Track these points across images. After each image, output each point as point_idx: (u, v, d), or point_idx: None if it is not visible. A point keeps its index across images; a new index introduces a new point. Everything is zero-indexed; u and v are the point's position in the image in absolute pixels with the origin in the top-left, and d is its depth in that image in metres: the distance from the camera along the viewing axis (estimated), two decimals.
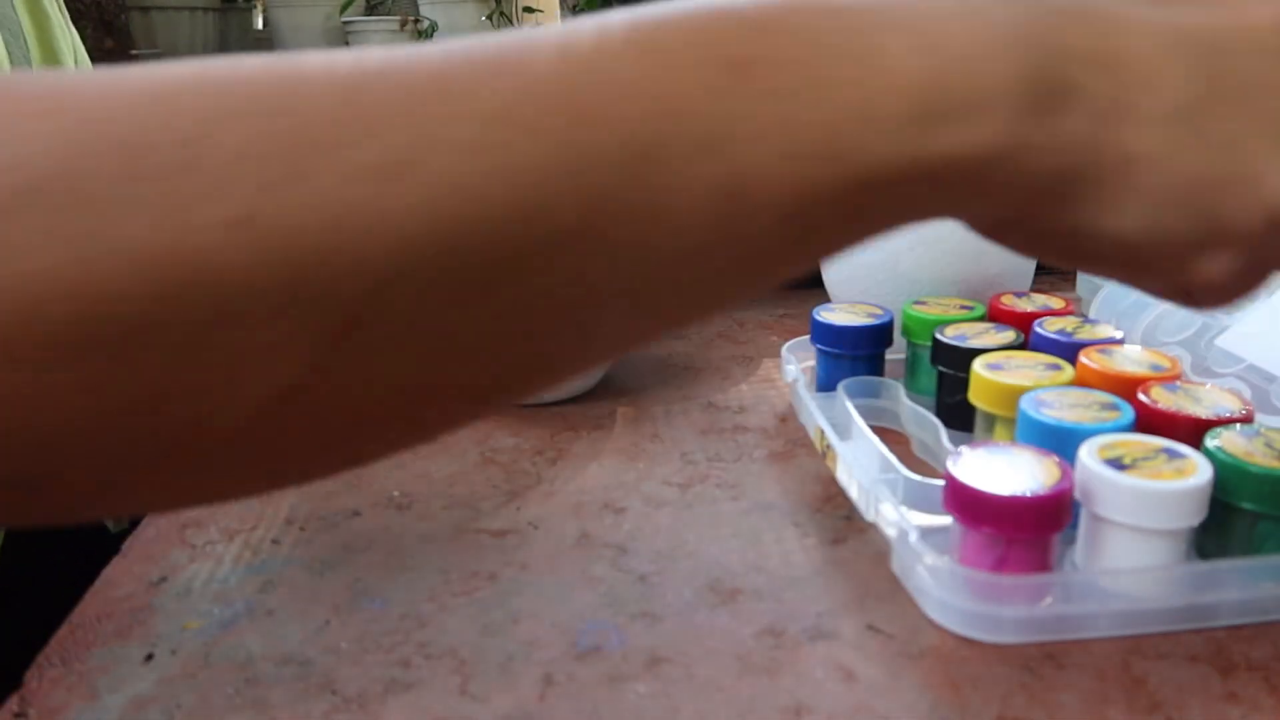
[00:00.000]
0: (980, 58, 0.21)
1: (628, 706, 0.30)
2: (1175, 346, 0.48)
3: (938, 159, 0.20)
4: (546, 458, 0.47)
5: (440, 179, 0.18)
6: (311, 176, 0.17)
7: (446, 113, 0.18)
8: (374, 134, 0.18)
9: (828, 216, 0.20)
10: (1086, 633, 0.33)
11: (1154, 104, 0.22)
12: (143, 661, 0.33)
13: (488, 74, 0.19)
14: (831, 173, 0.20)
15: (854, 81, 0.20)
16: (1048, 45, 0.21)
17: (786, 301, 0.70)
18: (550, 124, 0.19)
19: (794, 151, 0.20)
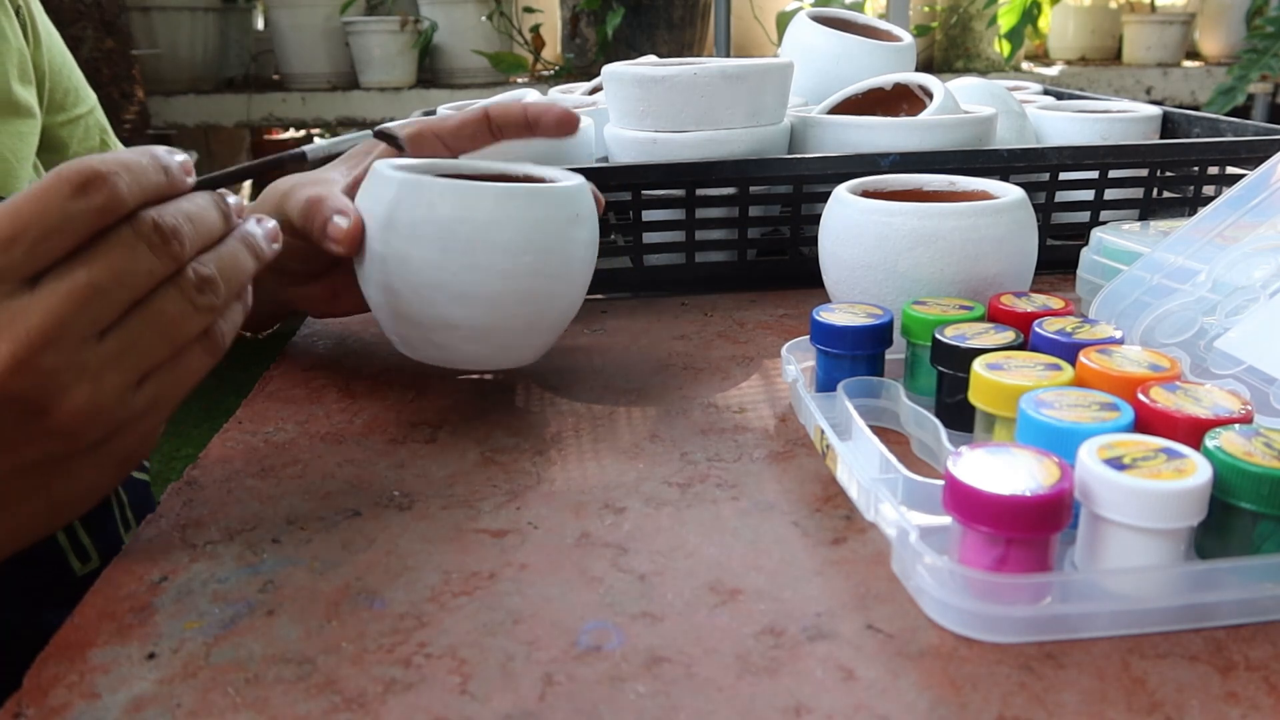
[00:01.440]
0: None
1: (628, 706, 0.30)
2: (1175, 347, 0.48)
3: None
4: (546, 458, 0.47)
5: None
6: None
7: None
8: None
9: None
10: (1086, 632, 0.33)
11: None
12: (143, 661, 0.33)
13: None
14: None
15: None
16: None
17: (786, 301, 0.70)
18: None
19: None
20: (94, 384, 0.34)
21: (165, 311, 0.37)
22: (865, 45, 0.87)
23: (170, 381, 0.37)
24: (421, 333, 0.49)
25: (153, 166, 0.36)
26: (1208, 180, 0.76)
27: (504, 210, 0.46)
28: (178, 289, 0.37)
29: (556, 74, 2.44)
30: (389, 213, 0.47)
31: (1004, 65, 2.54)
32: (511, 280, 0.47)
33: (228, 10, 2.60)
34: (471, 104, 0.78)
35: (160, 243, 0.36)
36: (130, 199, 0.35)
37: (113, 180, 0.34)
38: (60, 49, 0.69)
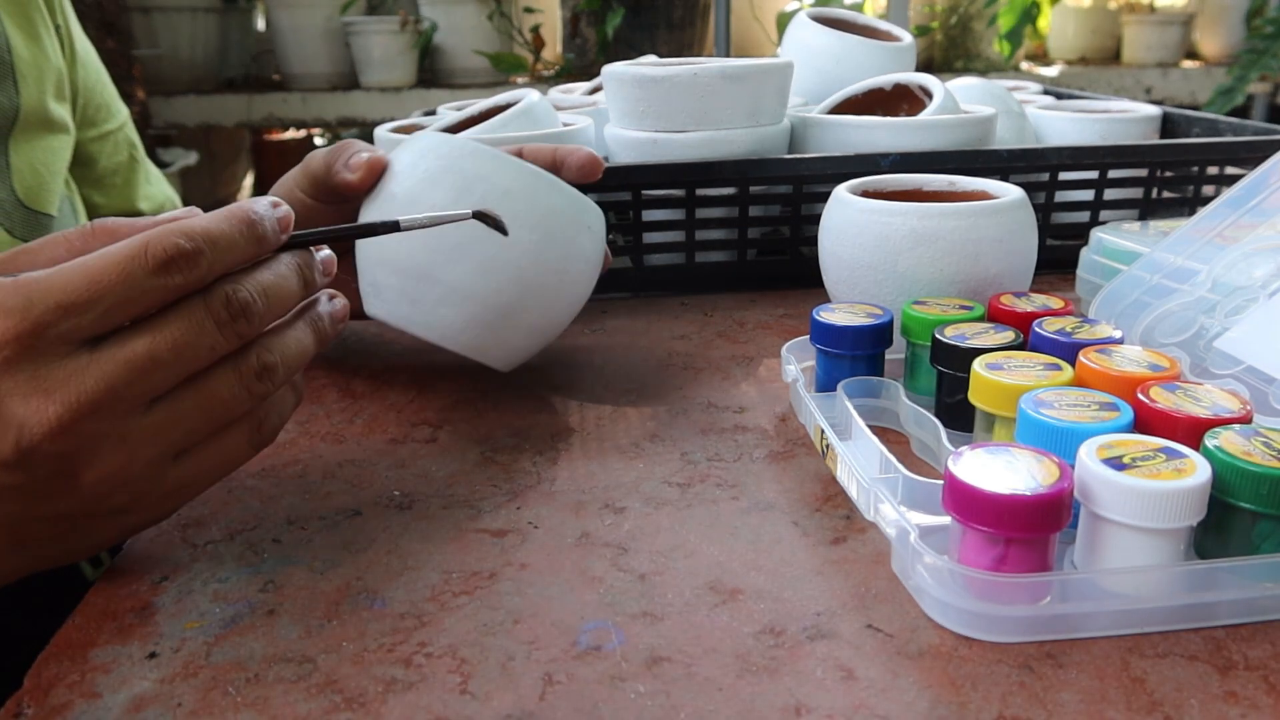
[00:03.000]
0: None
1: (628, 706, 0.30)
2: (1174, 347, 0.48)
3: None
4: (547, 458, 0.47)
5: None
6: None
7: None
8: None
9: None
10: (1086, 632, 0.33)
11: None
12: (144, 660, 0.33)
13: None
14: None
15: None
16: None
17: (786, 301, 0.70)
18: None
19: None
20: (130, 454, 0.34)
21: (217, 393, 0.35)
22: (865, 45, 0.87)
23: (208, 463, 0.36)
24: (400, 282, 0.47)
25: (245, 238, 0.35)
26: (1207, 180, 0.76)
27: (524, 183, 0.47)
28: (235, 372, 0.36)
29: (556, 74, 2.44)
30: (415, 159, 0.47)
31: (1004, 65, 2.53)
32: (509, 250, 0.46)
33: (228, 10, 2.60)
34: (471, 104, 0.78)
35: (229, 320, 0.35)
36: (212, 276, 0.34)
37: (198, 260, 0.33)
38: (95, 66, 0.70)
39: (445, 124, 0.74)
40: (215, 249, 0.34)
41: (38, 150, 0.60)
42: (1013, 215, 0.53)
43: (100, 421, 0.33)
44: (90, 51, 0.70)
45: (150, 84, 2.39)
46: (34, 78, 0.59)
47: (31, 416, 0.32)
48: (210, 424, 0.36)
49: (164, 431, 0.34)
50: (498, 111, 0.73)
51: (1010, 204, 0.53)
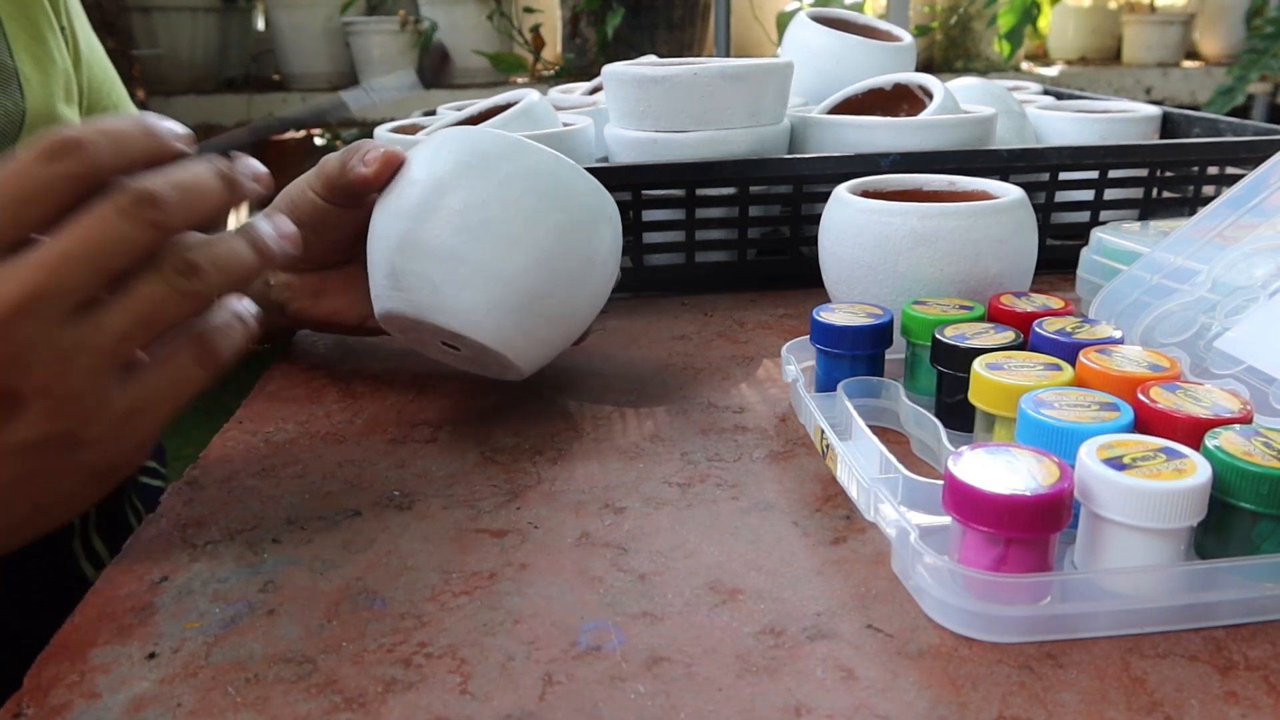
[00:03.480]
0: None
1: (628, 706, 0.30)
2: (1174, 347, 0.48)
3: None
4: (547, 458, 0.47)
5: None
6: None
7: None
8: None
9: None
10: (1086, 632, 0.33)
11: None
12: (144, 661, 0.33)
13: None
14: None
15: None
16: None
17: (786, 301, 0.70)
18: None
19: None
20: (64, 364, 0.33)
21: (142, 292, 0.35)
22: (865, 45, 0.87)
23: (156, 385, 0.36)
24: (420, 266, 0.46)
25: (140, 132, 0.35)
26: (1207, 180, 0.76)
27: (549, 165, 0.47)
28: (158, 271, 0.35)
29: (556, 74, 2.44)
30: (437, 147, 0.47)
31: (1004, 65, 2.53)
32: (534, 229, 0.46)
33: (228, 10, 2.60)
34: (471, 104, 0.78)
35: (133, 208, 0.34)
36: (108, 164, 0.33)
37: (88, 145, 0.33)
38: (103, 66, 0.70)
39: (445, 124, 0.74)
40: (108, 137, 0.34)
41: None
42: (1013, 215, 0.53)
43: (25, 327, 0.32)
44: (97, 51, 0.69)
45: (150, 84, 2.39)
46: (39, 81, 0.59)
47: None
48: (145, 329, 0.35)
49: (94, 338, 0.34)
50: (498, 111, 0.73)
51: (1010, 204, 0.53)
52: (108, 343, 0.34)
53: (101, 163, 0.33)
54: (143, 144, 0.35)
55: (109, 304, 0.34)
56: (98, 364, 0.34)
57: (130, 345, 0.35)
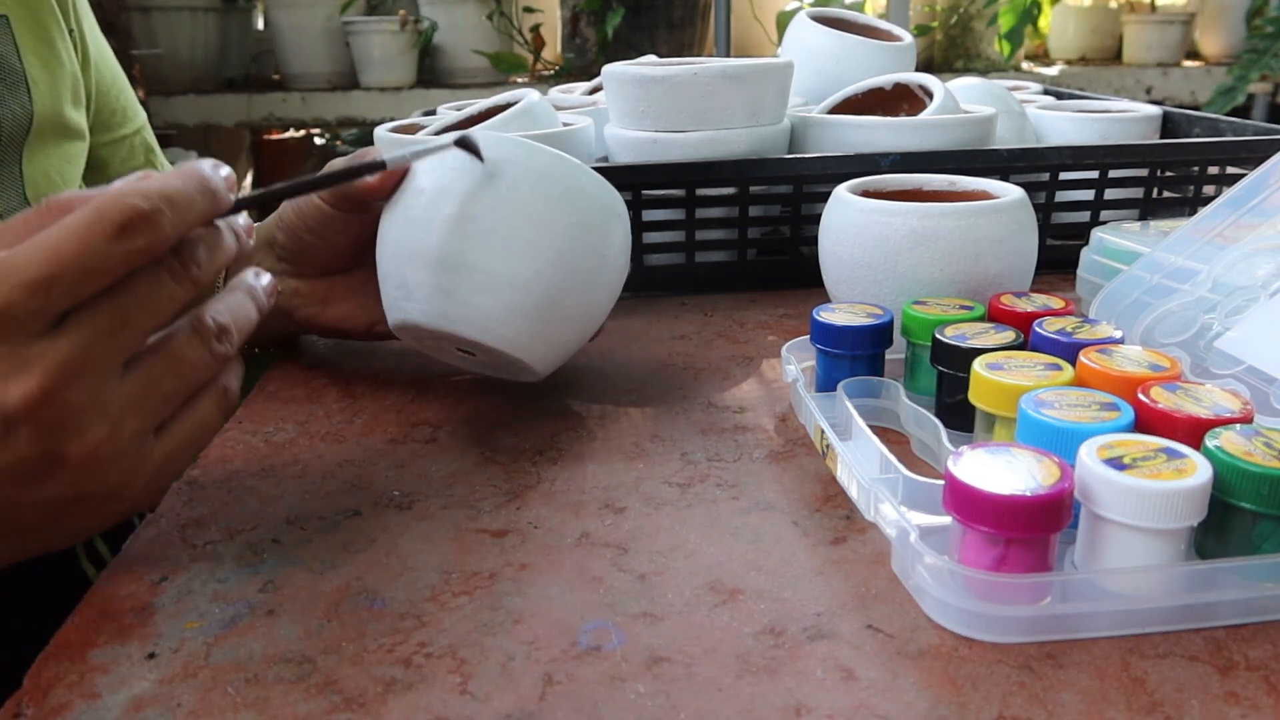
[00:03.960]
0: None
1: (628, 706, 0.30)
2: (1174, 347, 0.48)
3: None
4: (547, 458, 0.47)
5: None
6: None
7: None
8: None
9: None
10: (1086, 632, 0.33)
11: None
12: (144, 661, 0.33)
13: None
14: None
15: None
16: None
17: (786, 301, 0.70)
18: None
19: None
20: (113, 426, 0.34)
21: (185, 356, 0.36)
22: (865, 45, 0.87)
23: (186, 434, 0.37)
24: (433, 276, 0.45)
25: (202, 195, 0.35)
26: (1208, 180, 0.76)
27: (556, 167, 0.46)
28: (197, 335, 0.36)
29: (556, 74, 2.44)
30: (443, 154, 0.46)
31: (1004, 65, 2.53)
32: (547, 233, 0.45)
33: (228, 10, 2.60)
34: (471, 104, 0.78)
35: (180, 268, 0.35)
36: (173, 236, 0.34)
37: (156, 220, 0.33)
38: (112, 69, 0.69)
39: (445, 124, 0.74)
40: (174, 208, 0.34)
41: (53, 158, 0.60)
42: (1013, 215, 0.53)
43: (80, 390, 0.33)
44: (106, 55, 0.69)
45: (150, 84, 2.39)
46: (47, 84, 0.59)
47: (12, 393, 0.32)
48: (184, 388, 0.36)
49: (142, 400, 0.34)
50: (497, 111, 0.73)
51: (1010, 204, 0.53)
52: (154, 404, 0.35)
53: (166, 238, 0.34)
54: (202, 208, 0.35)
55: (152, 364, 0.35)
56: (143, 425, 0.35)
57: (173, 404, 0.36)
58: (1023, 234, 0.53)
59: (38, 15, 0.59)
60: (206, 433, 0.38)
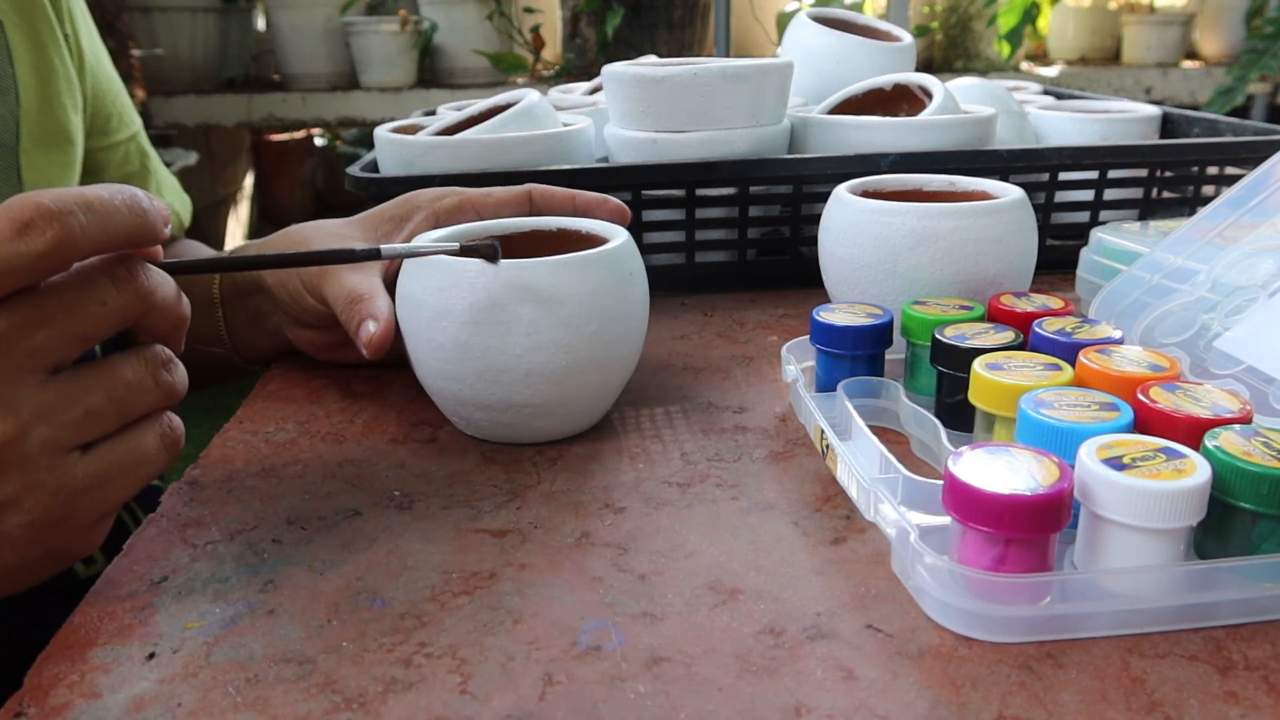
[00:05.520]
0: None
1: (628, 706, 0.30)
2: (1174, 347, 0.48)
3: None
4: (547, 458, 0.47)
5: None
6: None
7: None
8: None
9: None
10: (1085, 632, 0.33)
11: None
12: (144, 661, 0.33)
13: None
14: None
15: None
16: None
17: (786, 301, 0.70)
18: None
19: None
20: (20, 426, 0.31)
21: (121, 374, 0.33)
22: (865, 45, 0.87)
23: (119, 460, 0.34)
24: (488, 415, 0.46)
25: (126, 207, 0.33)
26: (1207, 180, 0.76)
27: (563, 285, 0.44)
28: (140, 358, 0.34)
29: (556, 74, 2.44)
30: (443, 300, 0.44)
31: (1004, 65, 2.54)
32: (576, 353, 0.45)
33: (228, 10, 2.60)
34: (471, 104, 0.78)
35: (125, 276, 0.33)
36: (85, 242, 0.31)
37: (64, 220, 0.31)
38: (108, 75, 0.69)
39: (445, 124, 0.74)
40: (90, 213, 0.31)
41: (53, 164, 0.60)
42: (1013, 215, 0.53)
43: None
44: (103, 61, 0.69)
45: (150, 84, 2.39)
46: (36, 89, 0.59)
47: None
48: (117, 409, 0.33)
49: (61, 407, 0.32)
50: (497, 111, 0.73)
51: (1010, 204, 0.53)
52: (73, 415, 0.32)
53: (74, 240, 0.31)
54: (125, 222, 0.33)
55: (81, 376, 0.33)
56: (61, 437, 0.32)
57: (97, 423, 0.33)
58: (1022, 234, 0.53)
59: (32, 21, 0.59)
60: (144, 465, 0.35)
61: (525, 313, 0.44)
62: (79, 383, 0.33)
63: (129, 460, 0.34)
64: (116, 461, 0.34)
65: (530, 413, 0.46)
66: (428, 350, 0.46)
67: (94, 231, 0.32)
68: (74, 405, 0.32)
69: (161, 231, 0.34)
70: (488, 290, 0.44)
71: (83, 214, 0.31)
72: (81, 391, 0.33)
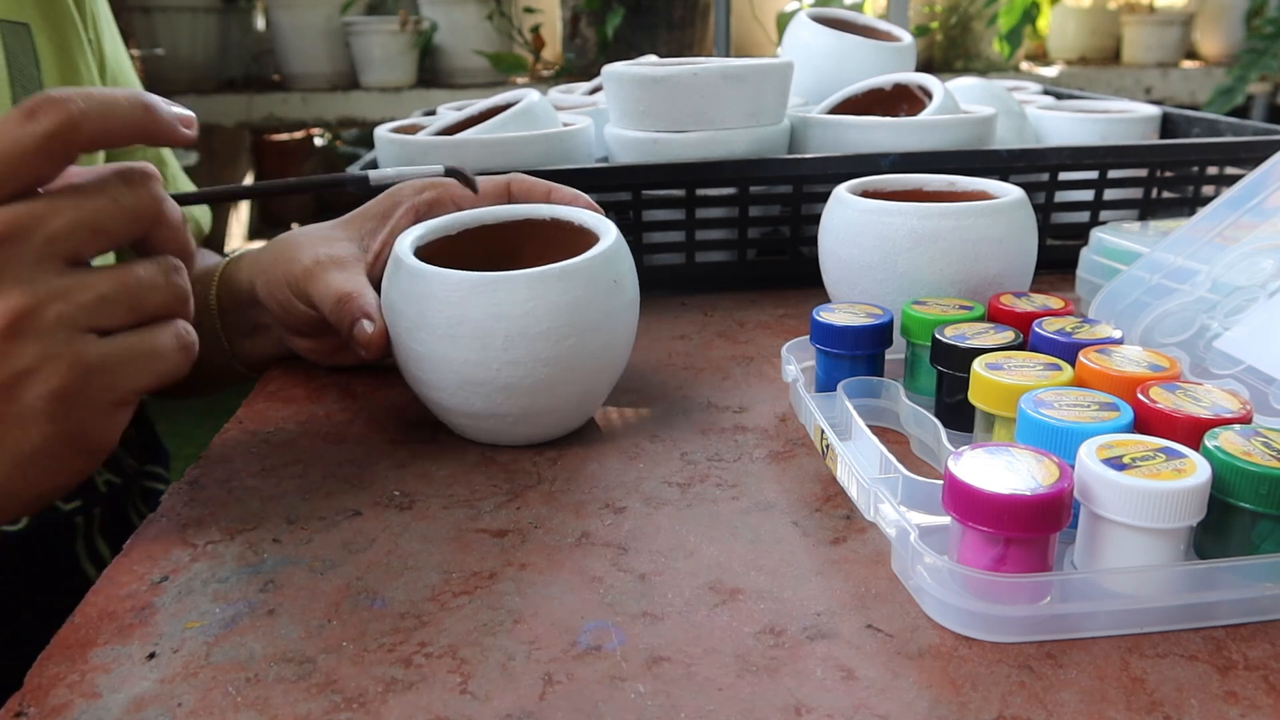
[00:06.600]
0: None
1: (628, 706, 0.30)
2: (1174, 347, 0.48)
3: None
4: (547, 458, 0.47)
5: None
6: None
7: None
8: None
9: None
10: (1085, 632, 0.33)
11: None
12: (144, 661, 0.33)
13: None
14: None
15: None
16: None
17: (786, 301, 0.70)
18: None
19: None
20: (35, 299, 0.33)
21: (135, 271, 0.36)
22: (865, 45, 0.87)
23: (135, 349, 0.36)
24: (471, 422, 0.47)
25: (129, 101, 0.35)
26: (1207, 180, 0.76)
27: (539, 299, 0.43)
28: (154, 261, 0.36)
29: (556, 74, 2.44)
30: (420, 311, 0.44)
31: (1004, 65, 2.54)
32: (555, 366, 0.44)
33: (228, 10, 2.60)
34: (471, 104, 0.78)
35: (140, 177, 0.35)
36: (87, 125, 0.34)
37: (65, 105, 0.33)
38: (128, 79, 0.70)
39: (445, 124, 0.74)
40: (91, 101, 0.34)
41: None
42: (1013, 215, 0.53)
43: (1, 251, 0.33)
44: (124, 65, 0.70)
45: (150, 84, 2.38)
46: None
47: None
48: (131, 302, 0.36)
49: (75, 290, 0.34)
50: (497, 111, 0.73)
51: (1010, 204, 0.53)
52: (87, 298, 0.34)
53: (75, 120, 0.33)
54: (133, 117, 0.35)
55: (99, 270, 0.35)
56: (75, 317, 0.34)
57: (110, 310, 0.35)
58: (1022, 234, 0.53)
59: (57, 25, 0.59)
60: (158, 358, 0.36)
61: (501, 328, 0.43)
62: (94, 273, 0.35)
63: (143, 349, 0.36)
64: (132, 349, 0.36)
65: (513, 420, 0.46)
66: (409, 359, 0.46)
67: (94, 116, 0.34)
68: (88, 290, 0.35)
69: (176, 131, 0.37)
70: (464, 304, 0.43)
71: (83, 100, 0.34)
72: (96, 279, 0.35)
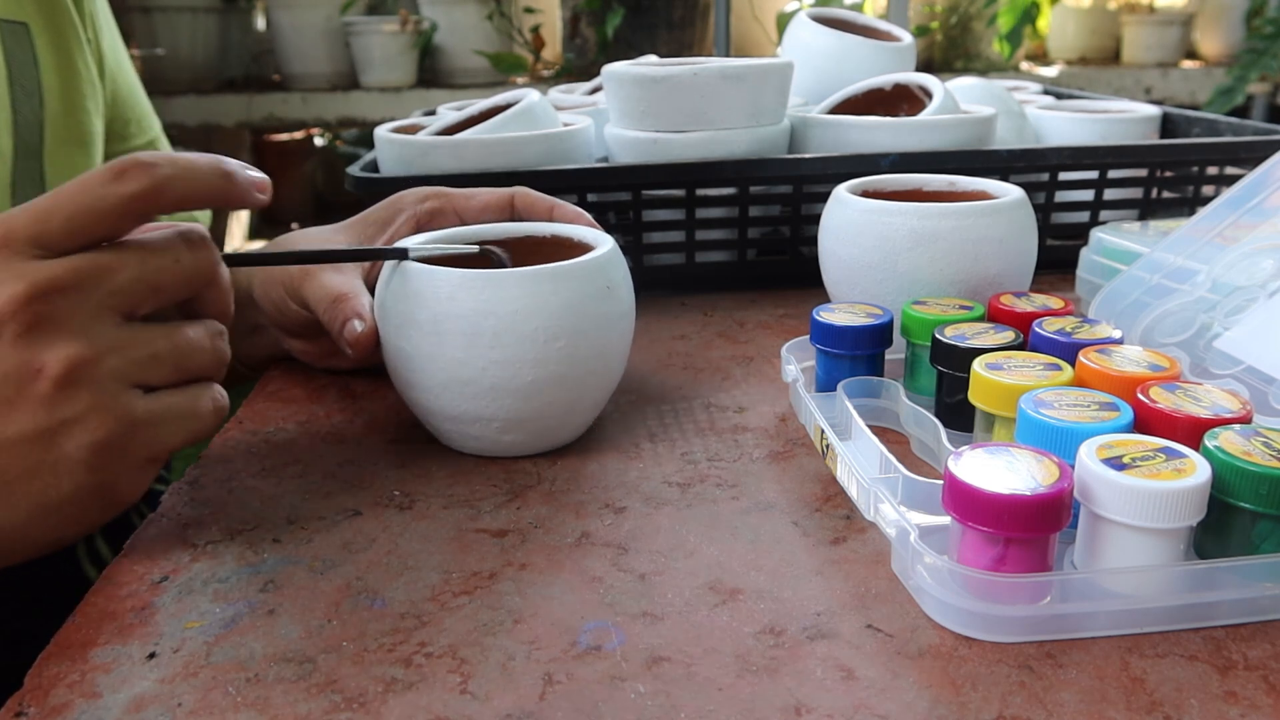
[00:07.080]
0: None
1: (628, 706, 0.30)
2: (1174, 347, 0.48)
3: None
4: (547, 458, 0.47)
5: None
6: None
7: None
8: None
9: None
10: (1085, 632, 0.33)
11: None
12: (144, 660, 0.33)
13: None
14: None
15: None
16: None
17: (786, 301, 0.70)
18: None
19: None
20: (93, 351, 0.35)
21: (186, 333, 0.37)
22: (865, 45, 0.87)
23: (176, 408, 0.37)
24: (456, 426, 0.46)
25: (210, 168, 0.37)
26: (1207, 180, 0.76)
27: (529, 297, 0.43)
28: (202, 325, 0.38)
29: (556, 74, 2.44)
30: (409, 309, 0.44)
31: (1004, 65, 2.53)
32: (544, 369, 0.43)
33: (228, 10, 2.60)
34: (471, 104, 0.78)
35: (199, 240, 0.37)
36: (170, 191, 0.35)
37: (152, 170, 0.35)
38: (129, 80, 0.70)
39: (445, 124, 0.74)
40: (176, 166, 0.36)
41: (76, 166, 0.60)
42: (1013, 215, 0.53)
43: (63, 304, 0.34)
44: (125, 66, 0.70)
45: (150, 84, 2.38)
46: (60, 92, 0.59)
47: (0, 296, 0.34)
48: (178, 360, 0.37)
49: (129, 345, 0.36)
50: (497, 111, 0.73)
51: (1010, 204, 0.53)
52: (140, 354, 0.36)
53: (159, 186, 0.35)
54: (212, 183, 0.37)
55: (152, 327, 0.37)
56: (127, 371, 0.36)
57: (158, 368, 0.37)
58: (1022, 234, 0.53)
59: (57, 24, 0.59)
60: (195, 419, 0.38)
61: (489, 325, 0.43)
62: (148, 329, 0.37)
63: (183, 409, 0.38)
64: (173, 408, 0.37)
65: (498, 427, 0.45)
66: (397, 359, 0.46)
67: (179, 181, 0.36)
68: (142, 346, 0.36)
69: (253, 196, 0.39)
70: (452, 299, 0.43)
71: (169, 167, 0.36)
72: (150, 336, 0.37)
